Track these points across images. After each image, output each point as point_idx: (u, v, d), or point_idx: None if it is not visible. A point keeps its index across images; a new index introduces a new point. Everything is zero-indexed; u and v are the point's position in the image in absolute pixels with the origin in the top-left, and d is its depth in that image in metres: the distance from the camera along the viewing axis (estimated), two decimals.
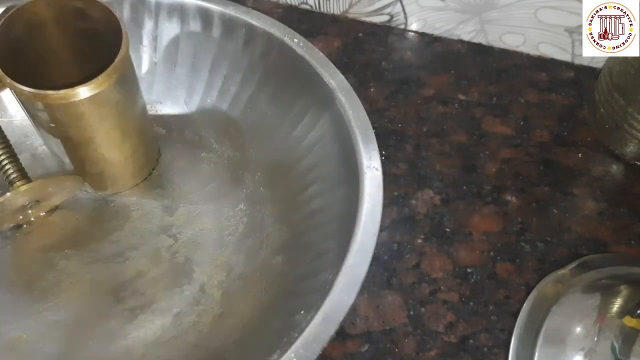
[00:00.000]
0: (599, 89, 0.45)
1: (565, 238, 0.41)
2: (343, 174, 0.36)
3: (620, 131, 0.44)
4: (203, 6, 0.41)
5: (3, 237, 0.40)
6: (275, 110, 0.41)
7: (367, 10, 0.52)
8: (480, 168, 0.45)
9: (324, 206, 0.37)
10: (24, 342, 0.36)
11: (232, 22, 0.41)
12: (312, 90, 0.39)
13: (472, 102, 0.48)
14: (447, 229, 0.42)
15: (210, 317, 0.37)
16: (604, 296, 0.37)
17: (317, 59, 0.39)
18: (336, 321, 0.30)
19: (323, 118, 0.38)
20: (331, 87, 0.38)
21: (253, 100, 0.42)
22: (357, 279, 0.31)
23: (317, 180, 0.38)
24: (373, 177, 0.34)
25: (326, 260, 0.34)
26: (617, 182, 0.44)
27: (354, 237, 0.32)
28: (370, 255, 0.32)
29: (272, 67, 0.41)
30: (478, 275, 0.40)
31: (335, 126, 0.37)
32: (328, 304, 0.30)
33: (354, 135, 0.36)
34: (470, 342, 0.37)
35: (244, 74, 0.42)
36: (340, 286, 0.31)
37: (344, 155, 0.36)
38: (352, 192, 0.34)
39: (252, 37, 0.41)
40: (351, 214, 0.33)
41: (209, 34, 0.42)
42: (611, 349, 0.34)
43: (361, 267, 0.31)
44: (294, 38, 0.40)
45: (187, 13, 0.42)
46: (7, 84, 0.32)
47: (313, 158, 0.39)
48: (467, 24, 0.50)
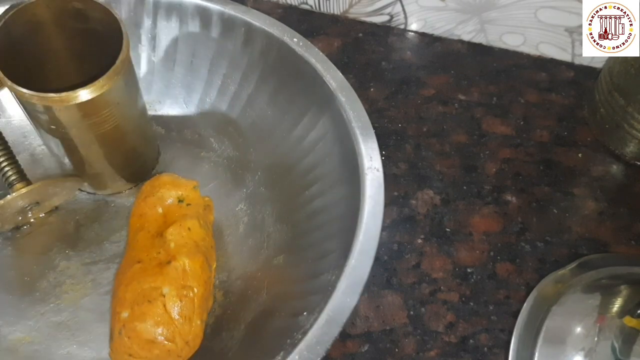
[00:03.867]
0: (599, 89, 0.45)
1: (565, 238, 0.41)
2: (344, 174, 0.36)
3: (620, 131, 0.44)
4: (202, 5, 0.41)
5: (3, 239, 0.40)
6: (275, 110, 0.41)
7: (367, 10, 0.52)
8: (480, 168, 0.45)
9: (325, 206, 0.37)
10: (26, 344, 0.36)
11: (231, 21, 0.41)
12: (312, 90, 0.39)
13: (472, 102, 0.48)
14: (447, 229, 0.42)
15: (213, 318, 0.37)
16: (604, 296, 0.37)
17: (318, 58, 0.39)
18: (340, 323, 0.30)
19: (323, 118, 0.38)
20: (332, 87, 0.38)
21: (252, 100, 0.42)
22: (359, 280, 0.31)
23: (318, 180, 0.38)
24: (374, 178, 0.34)
25: (328, 261, 0.34)
26: (617, 182, 0.44)
27: (356, 239, 0.32)
28: (372, 257, 0.32)
29: (271, 67, 0.41)
30: (478, 275, 0.40)
31: (336, 126, 0.37)
32: (331, 306, 0.30)
33: (354, 135, 0.36)
34: (470, 342, 0.38)
35: (244, 73, 0.42)
36: (343, 288, 0.31)
37: (344, 155, 0.36)
38: (354, 192, 0.34)
39: (252, 37, 0.41)
40: (352, 215, 0.33)
41: (208, 33, 0.42)
42: (611, 349, 0.34)
43: (363, 269, 0.31)
44: (294, 37, 0.40)
45: (186, 12, 0.42)
46: (7, 85, 0.32)
47: (313, 158, 0.39)
48: (467, 24, 0.50)
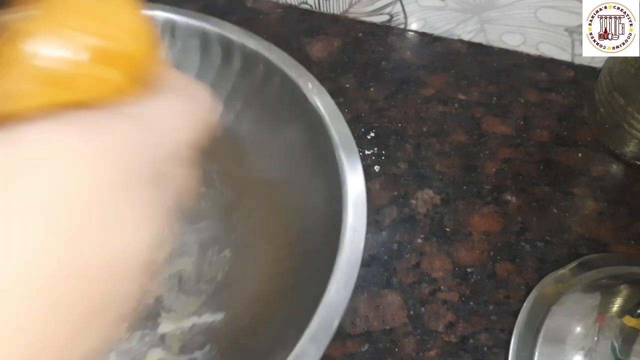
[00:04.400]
0: (599, 88, 0.45)
1: (565, 238, 0.41)
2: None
3: (620, 131, 0.44)
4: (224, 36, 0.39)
5: None
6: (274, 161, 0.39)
7: (367, 10, 0.52)
8: (480, 168, 0.45)
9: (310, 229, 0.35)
10: None
11: (253, 56, 0.38)
12: (312, 141, 0.36)
13: (472, 102, 0.48)
14: (447, 229, 0.42)
15: None
16: (604, 296, 0.37)
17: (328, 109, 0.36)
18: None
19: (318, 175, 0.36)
20: (334, 143, 0.34)
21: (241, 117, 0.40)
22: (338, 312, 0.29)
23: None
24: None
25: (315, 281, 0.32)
26: (617, 181, 0.44)
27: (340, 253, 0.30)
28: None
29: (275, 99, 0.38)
30: (478, 275, 0.40)
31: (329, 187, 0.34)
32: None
33: (345, 200, 0.32)
34: (470, 342, 0.38)
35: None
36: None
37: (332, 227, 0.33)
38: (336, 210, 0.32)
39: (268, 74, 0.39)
40: (335, 239, 0.31)
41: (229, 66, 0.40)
42: (611, 349, 0.34)
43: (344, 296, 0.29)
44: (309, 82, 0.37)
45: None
46: None
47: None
48: (467, 23, 0.50)
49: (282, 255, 0.36)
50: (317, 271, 0.31)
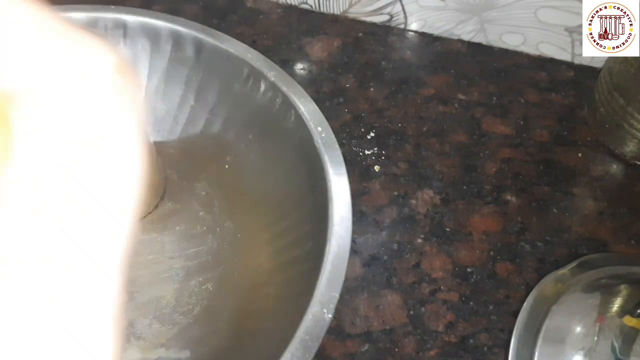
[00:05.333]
0: (599, 88, 0.45)
1: (565, 238, 0.41)
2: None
3: (620, 131, 0.44)
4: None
5: None
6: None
7: (367, 10, 0.52)
8: (480, 168, 0.45)
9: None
10: None
11: (273, 88, 0.38)
12: (310, 194, 0.36)
13: (472, 102, 0.48)
14: (447, 229, 0.42)
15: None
16: (604, 296, 0.37)
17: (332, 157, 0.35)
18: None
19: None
20: (328, 185, 0.34)
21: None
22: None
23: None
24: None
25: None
26: (617, 181, 0.44)
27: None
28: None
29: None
30: (478, 275, 0.40)
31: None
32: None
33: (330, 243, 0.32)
34: (470, 342, 0.38)
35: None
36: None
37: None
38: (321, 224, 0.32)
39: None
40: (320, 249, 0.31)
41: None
42: (611, 349, 0.34)
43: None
44: (319, 127, 0.36)
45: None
46: None
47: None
48: (466, 23, 0.50)
49: (261, 284, 0.36)
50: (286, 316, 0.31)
